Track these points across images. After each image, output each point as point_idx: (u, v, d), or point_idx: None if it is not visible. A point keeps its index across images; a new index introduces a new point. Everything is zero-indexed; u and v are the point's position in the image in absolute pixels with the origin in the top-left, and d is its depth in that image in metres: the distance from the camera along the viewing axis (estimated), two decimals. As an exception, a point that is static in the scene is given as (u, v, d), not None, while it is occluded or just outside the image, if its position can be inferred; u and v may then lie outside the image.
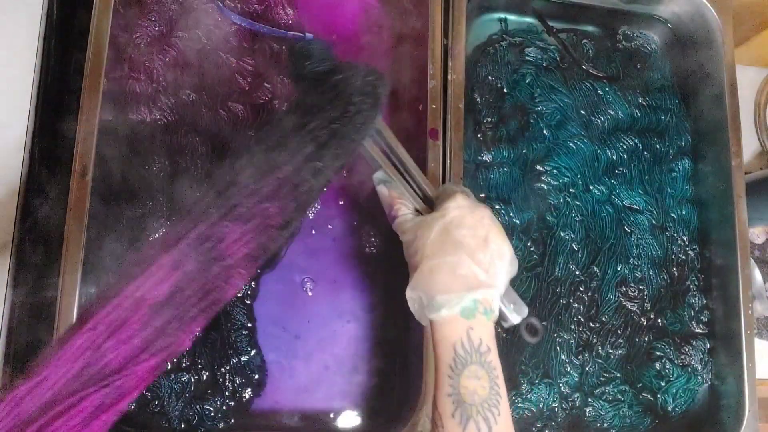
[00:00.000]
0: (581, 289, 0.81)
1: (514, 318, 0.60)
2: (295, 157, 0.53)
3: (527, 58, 0.86)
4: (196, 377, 0.68)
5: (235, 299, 0.71)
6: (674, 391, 0.81)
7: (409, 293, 0.55)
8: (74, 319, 0.62)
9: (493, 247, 0.55)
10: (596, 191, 0.84)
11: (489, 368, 0.51)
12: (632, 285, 0.82)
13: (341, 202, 0.77)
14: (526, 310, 0.61)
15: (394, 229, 0.60)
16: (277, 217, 0.52)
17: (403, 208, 0.60)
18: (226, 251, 0.49)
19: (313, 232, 0.75)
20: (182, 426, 0.67)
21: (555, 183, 0.82)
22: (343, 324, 0.74)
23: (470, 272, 0.53)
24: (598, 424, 0.78)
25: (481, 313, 0.52)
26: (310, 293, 0.74)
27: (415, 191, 0.61)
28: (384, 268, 0.77)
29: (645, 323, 0.82)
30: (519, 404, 0.76)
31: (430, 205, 0.61)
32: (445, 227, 0.55)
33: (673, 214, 0.86)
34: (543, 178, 0.82)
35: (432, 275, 0.53)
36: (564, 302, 0.80)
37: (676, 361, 0.82)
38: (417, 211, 0.60)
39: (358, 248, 0.76)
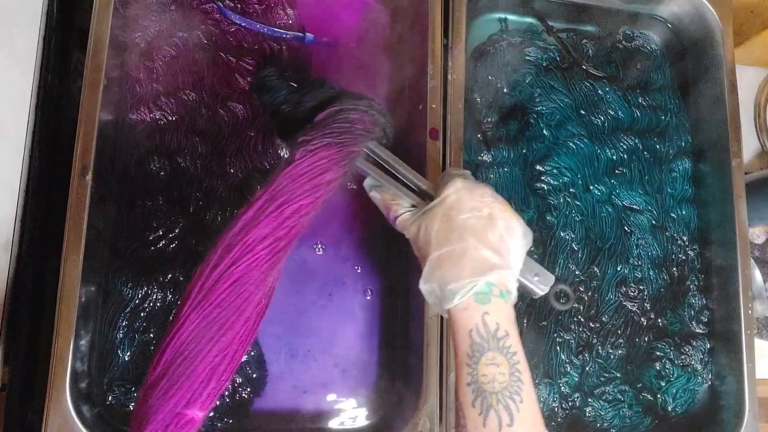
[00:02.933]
0: (581, 289, 0.81)
1: (541, 289, 0.58)
2: None
3: (527, 58, 0.86)
4: (196, 377, 0.68)
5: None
6: (674, 391, 0.81)
7: (423, 286, 0.54)
8: (74, 322, 0.62)
9: (500, 224, 0.53)
10: (596, 191, 0.84)
11: (508, 353, 0.49)
12: (632, 285, 0.82)
13: (338, 209, 0.77)
14: (552, 279, 0.59)
15: (398, 229, 0.59)
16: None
17: (400, 207, 0.59)
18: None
19: (313, 233, 0.75)
20: (182, 426, 0.67)
21: (555, 183, 0.82)
22: (343, 324, 0.74)
23: (479, 256, 0.51)
24: (598, 424, 0.78)
25: (496, 296, 0.51)
26: (310, 294, 0.74)
27: (408, 187, 0.60)
28: (384, 268, 0.77)
29: (645, 323, 0.82)
30: (519, 404, 0.76)
31: (428, 198, 0.60)
32: (445, 214, 0.54)
33: (673, 214, 0.86)
34: (543, 178, 0.82)
35: (441, 265, 0.52)
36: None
37: (676, 361, 0.82)
38: (414, 207, 0.59)
39: (357, 250, 0.76)
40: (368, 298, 0.76)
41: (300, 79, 0.64)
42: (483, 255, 0.51)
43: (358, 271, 0.76)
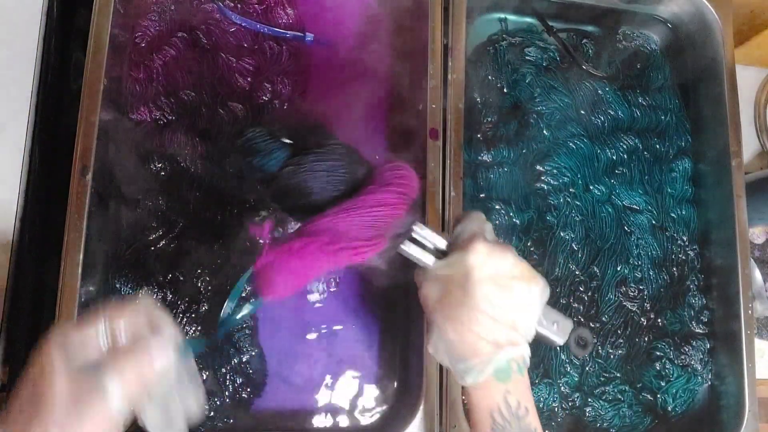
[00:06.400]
0: (581, 289, 0.81)
1: (560, 339, 0.56)
2: None
3: (527, 58, 0.86)
4: (196, 377, 0.68)
5: (238, 299, 0.71)
6: (674, 391, 0.81)
7: (430, 350, 0.52)
8: (75, 315, 0.62)
9: (519, 293, 0.49)
10: (596, 191, 0.84)
11: None
12: (632, 285, 0.82)
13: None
14: (570, 325, 0.56)
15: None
16: None
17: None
18: None
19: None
20: (182, 426, 0.67)
21: (555, 183, 0.82)
22: (343, 324, 0.74)
23: (495, 331, 0.48)
24: (598, 424, 0.78)
25: (515, 371, 0.48)
26: (311, 294, 0.74)
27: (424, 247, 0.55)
28: (385, 269, 0.77)
29: (645, 323, 0.82)
30: (519, 404, 0.76)
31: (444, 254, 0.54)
32: (462, 284, 0.49)
33: (673, 214, 0.86)
34: (543, 178, 0.82)
35: (450, 339, 0.49)
36: (564, 302, 0.80)
37: (676, 361, 0.82)
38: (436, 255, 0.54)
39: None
40: (368, 299, 0.76)
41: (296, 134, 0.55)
42: (500, 330, 0.48)
43: (359, 272, 0.76)
